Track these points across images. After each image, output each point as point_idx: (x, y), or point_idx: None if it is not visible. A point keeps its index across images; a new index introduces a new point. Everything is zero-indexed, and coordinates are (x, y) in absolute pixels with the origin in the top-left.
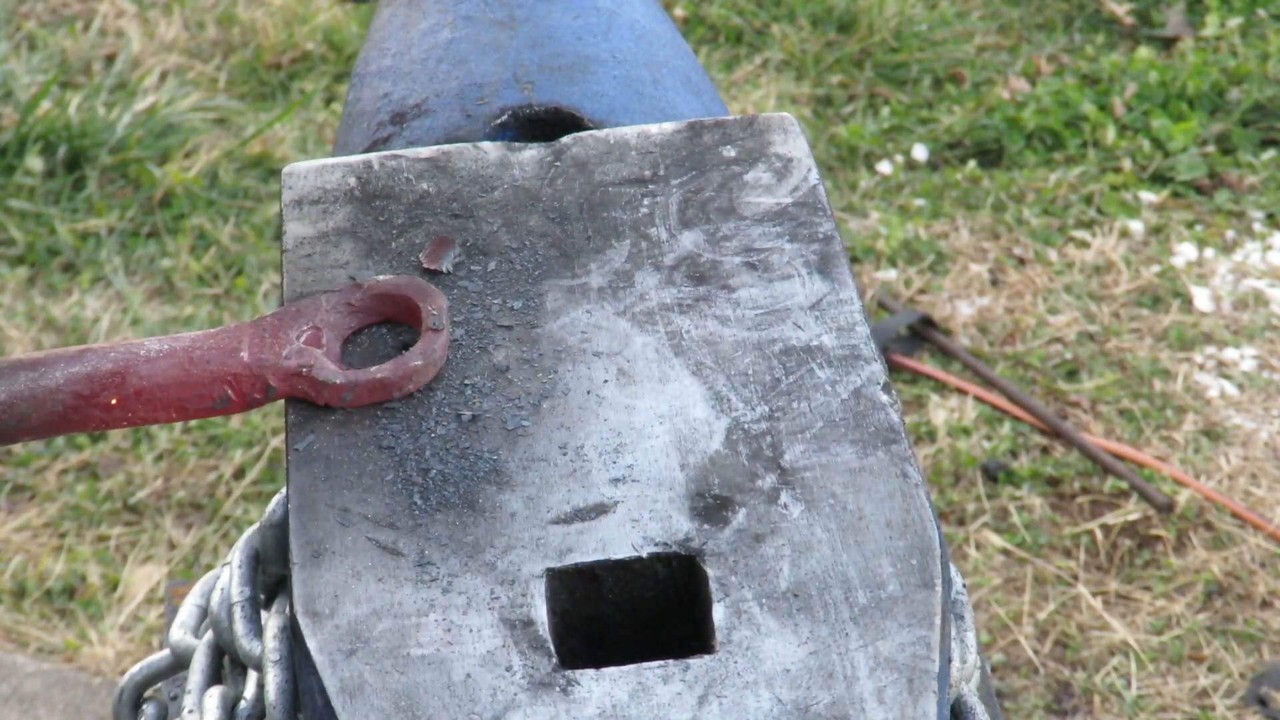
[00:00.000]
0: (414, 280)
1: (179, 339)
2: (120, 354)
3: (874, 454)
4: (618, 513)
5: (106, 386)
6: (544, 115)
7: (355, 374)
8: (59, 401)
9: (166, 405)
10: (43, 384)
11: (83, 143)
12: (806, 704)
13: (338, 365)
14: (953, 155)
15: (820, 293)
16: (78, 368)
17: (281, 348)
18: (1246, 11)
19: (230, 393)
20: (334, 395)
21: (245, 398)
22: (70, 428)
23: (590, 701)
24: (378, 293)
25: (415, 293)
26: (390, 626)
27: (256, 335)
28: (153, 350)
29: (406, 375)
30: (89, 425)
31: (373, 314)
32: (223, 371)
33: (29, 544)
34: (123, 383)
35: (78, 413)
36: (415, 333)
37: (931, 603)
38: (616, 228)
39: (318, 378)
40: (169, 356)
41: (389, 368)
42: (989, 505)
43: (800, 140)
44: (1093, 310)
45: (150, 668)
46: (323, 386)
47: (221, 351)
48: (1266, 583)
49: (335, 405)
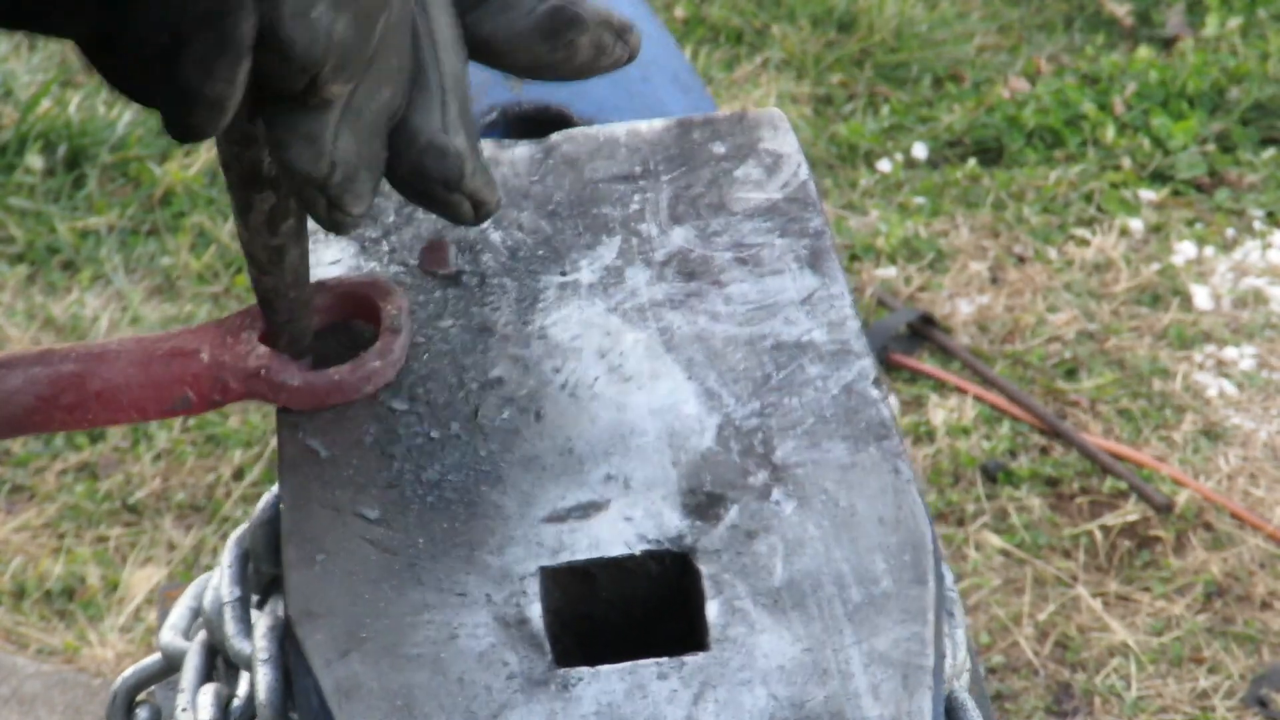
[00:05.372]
0: (376, 280)
1: (141, 340)
2: (81, 355)
3: (865, 450)
4: (610, 510)
5: (67, 388)
6: (533, 113)
7: (312, 375)
8: (19, 404)
9: (127, 406)
10: (4, 386)
11: (83, 141)
12: (801, 700)
13: (297, 366)
14: (953, 154)
15: (811, 288)
16: (38, 369)
17: (242, 348)
18: (1246, 11)
19: (190, 394)
20: (291, 397)
21: (206, 399)
22: (32, 428)
23: (586, 699)
24: (339, 292)
25: (376, 293)
26: (385, 626)
27: (218, 336)
28: (113, 351)
29: (365, 377)
30: (51, 426)
31: (334, 314)
32: (183, 373)
33: (28, 545)
34: (82, 384)
35: (39, 414)
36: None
37: (925, 599)
38: (607, 224)
39: (275, 379)
40: (129, 357)
41: (346, 369)
42: (988, 505)
43: (790, 136)
44: (1092, 308)
45: (142, 671)
46: (280, 388)
47: (182, 353)
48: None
49: (293, 407)
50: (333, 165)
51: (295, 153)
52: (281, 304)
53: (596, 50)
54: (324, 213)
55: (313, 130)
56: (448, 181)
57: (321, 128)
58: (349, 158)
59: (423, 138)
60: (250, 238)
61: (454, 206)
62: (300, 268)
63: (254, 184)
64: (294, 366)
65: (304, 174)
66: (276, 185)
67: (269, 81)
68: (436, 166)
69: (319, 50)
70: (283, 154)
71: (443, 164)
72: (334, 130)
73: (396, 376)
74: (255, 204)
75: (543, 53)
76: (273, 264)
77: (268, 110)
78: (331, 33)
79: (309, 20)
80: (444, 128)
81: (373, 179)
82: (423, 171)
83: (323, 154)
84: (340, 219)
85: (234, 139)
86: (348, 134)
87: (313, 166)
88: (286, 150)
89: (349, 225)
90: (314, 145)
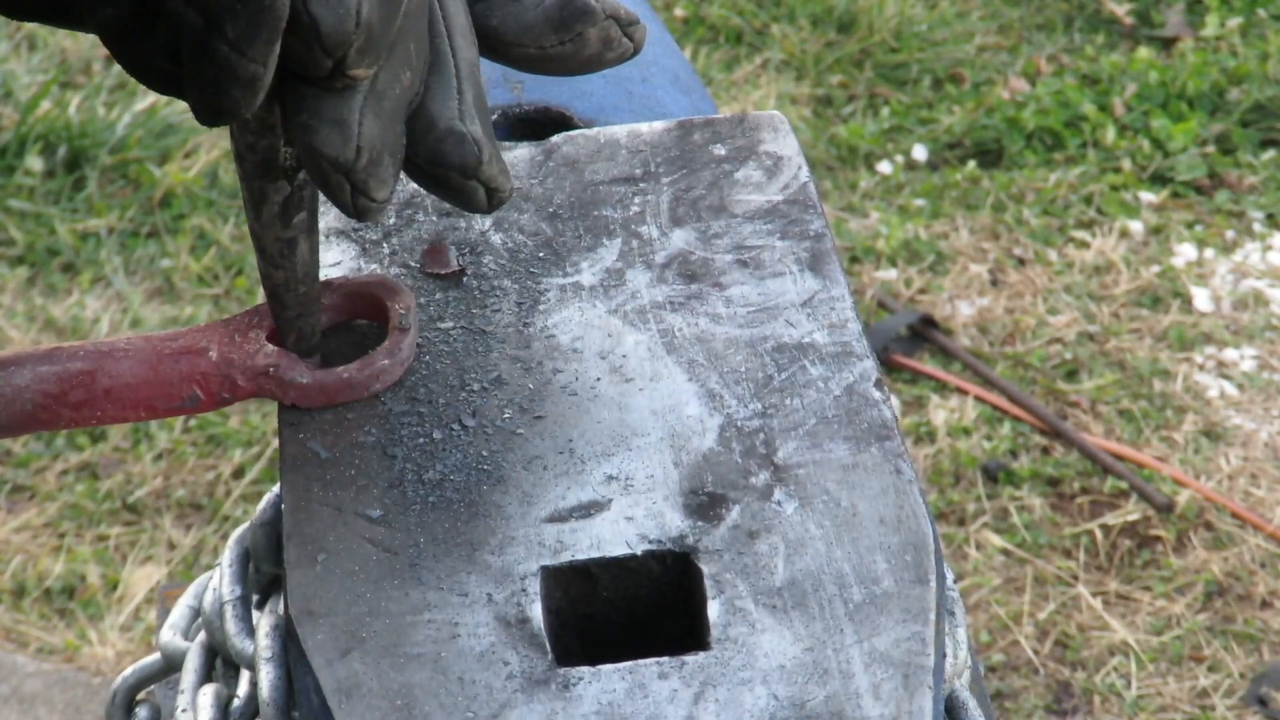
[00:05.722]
0: (383, 279)
1: (148, 338)
2: (89, 353)
3: (867, 450)
4: (612, 510)
5: (75, 385)
6: (533, 114)
7: (321, 374)
8: (28, 400)
9: (135, 404)
10: (11, 383)
11: (83, 143)
12: (802, 700)
13: (306, 365)
14: (953, 155)
15: (811, 290)
16: (46, 367)
17: (250, 346)
18: (1246, 11)
19: (199, 392)
20: (300, 395)
21: (214, 397)
22: (39, 426)
23: (586, 699)
24: (346, 291)
25: (383, 291)
26: (386, 626)
27: (226, 334)
28: (121, 349)
29: (373, 375)
30: (58, 424)
31: (341, 313)
32: (192, 371)
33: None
34: (91, 382)
35: (46, 411)
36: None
37: (926, 599)
38: (608, 226)
39: (284, 377)
40: (137, 355)
41: (355, 367)
42: (989, 505)
43: (790, 138)
44: (1092, 310)
45: (142, 671)
46: (289, 386)
47: (191, 351)
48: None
49: (301, 405)
50: (359, 150)
51: (323, 137)
52: (291, 299)
53: (604, 43)
54: (349, 199)
55: (340, 114)
56: (465, 168)
57: (348, 111)
58: (374, 142)
59: (441, 124)
60: (262, 230)
61: (469, 194)
62: (310, 261)
63: (270, 173)
64: (302, 365)
65: (332, 158)
66: (291, 175)
67: (295, 64)
68: (455, 153)
69: (347, 31)
70: (309, 139)
71: (461, 150)
72: (360, 114)
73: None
74: (270, 195)
75: (551, 44)
76: (284, 257)
77: (291, 95)
78: (359, 13)
79: (337, 0)
80: (460, 115)
81: (395, 164)
82: (441, 158)
83: (350, 138)
84: (365, 204)
85: (251, 127)
86: (372, 118)
87: (340, 151)
88: (314, 135)
89: (374, 211)
90: (341, 129)
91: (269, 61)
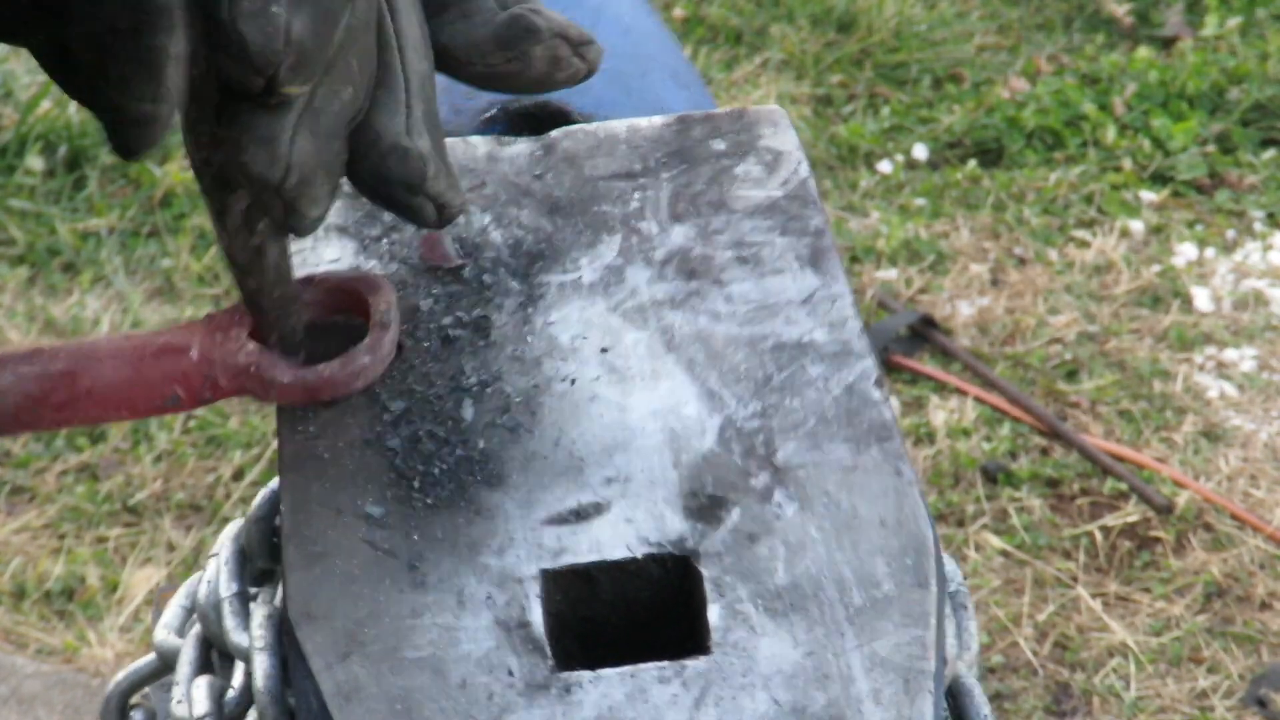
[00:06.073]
0: (365, 275)
1: (130, 337)
2: (70, 354)
3: (867, 451)
4: (612, 513)
5: (57, 386)
6: (532, 109)
7: (302, 371)
8: (9, 402)
9: (117, 404)
10: None
11: (83, 142)
12: (803, 705)
13: (287, 363)
14: (953, 155)
15: (811, 287)
16: (27, 368)
17: (232, 345)
18: (1246, 11)
19: (180, 391)
20: (281, 393)
21: (195, 396)
22: (21, 427)
23: (587, 703)
24: (327, 288)
25: (365, 287)
26: (386, 629)
27: (208, 333)
28: (102, 349)
29: (355, 372)
30: (41, 425)
31: (324, 309)
32: (173, 370)
33: (28, 545)
34: (73, 382)
35: (28, 412)
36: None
37: (926, 602)
38: (607, 222)
39: (265, 375)
40: (119, 355)
41: (336, 365)
42: (988, 506)
43: (790, 133)
44: (1093, 310)
45: (137, 673)
46: (270, 384)
47: (172, 350)
48: (1266, 584)
49: (284, 404)
50: (288, 169)
51: (250, 155)
52: (267, 303)
53: (552, 63)
54: (280, 216)
55: (268, 133)
56: (409, 184)
57: (278, 130)
58: (306, 160)
59: (385, 140)
60: (229, 240)
61: (416, 209)
62: (281, 265)
63: (228, 185)
64: (284, 363)
65: (258, 177)
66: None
67: (231, 81)
68: (398, 169)
69: (275, 50)
70: (238, 157)
71: (404, 166)
72: (291, 132)
73: (397, 376)
74: (230, 206)
75: (498, 62)
76: (253, 264)
77: (227, 111)
78: (289, 31)
79: (264, 18)
80: (407, 130)
81: (331, 181)
82: (384, 174)
83: (278, 158)
84: (296, 222)
85: (203, 141)
86: (306, 136)
87: (267, 170)
88: (242, 153)
89: (306, 228)
90: (268, 148)
91: (161, 98)
